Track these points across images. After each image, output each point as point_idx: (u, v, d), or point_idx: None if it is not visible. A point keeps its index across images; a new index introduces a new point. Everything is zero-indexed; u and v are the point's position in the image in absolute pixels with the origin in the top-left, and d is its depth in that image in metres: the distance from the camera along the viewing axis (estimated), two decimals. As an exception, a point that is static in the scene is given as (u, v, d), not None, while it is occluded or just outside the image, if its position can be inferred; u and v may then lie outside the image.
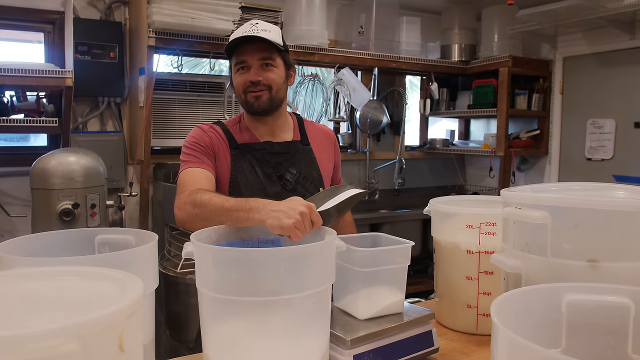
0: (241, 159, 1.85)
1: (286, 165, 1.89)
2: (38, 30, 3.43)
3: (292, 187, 1.88)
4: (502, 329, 0.70)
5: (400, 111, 4.72)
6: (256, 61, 1.81)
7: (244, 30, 1.80)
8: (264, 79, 1.82)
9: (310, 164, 1.95)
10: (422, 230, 4.34)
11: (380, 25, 4.09)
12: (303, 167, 1.92)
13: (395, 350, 1.39)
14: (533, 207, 1.12)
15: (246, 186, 1.83)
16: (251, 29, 1.79)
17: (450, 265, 1.72)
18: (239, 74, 1.84)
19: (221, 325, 1.15)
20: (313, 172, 1.94)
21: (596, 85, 4.17)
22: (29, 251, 1.23)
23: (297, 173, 1.90)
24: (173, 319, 3.20)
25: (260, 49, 1.81)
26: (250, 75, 1.81)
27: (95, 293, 0.84)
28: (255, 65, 1.81)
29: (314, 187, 1.92)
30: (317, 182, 1.94)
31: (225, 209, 1.44)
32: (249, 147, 1.87)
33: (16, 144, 3.57)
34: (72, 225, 2.62)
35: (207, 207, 1.51)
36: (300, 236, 1.31)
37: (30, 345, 0.60)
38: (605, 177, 4.04)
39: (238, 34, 1.81)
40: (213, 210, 1.48)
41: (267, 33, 1.79)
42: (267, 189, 1.84)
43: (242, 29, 1.83)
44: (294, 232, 1.30)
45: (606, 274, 1.05)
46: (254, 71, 1.81)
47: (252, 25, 1.81)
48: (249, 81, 1.81)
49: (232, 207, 1.42)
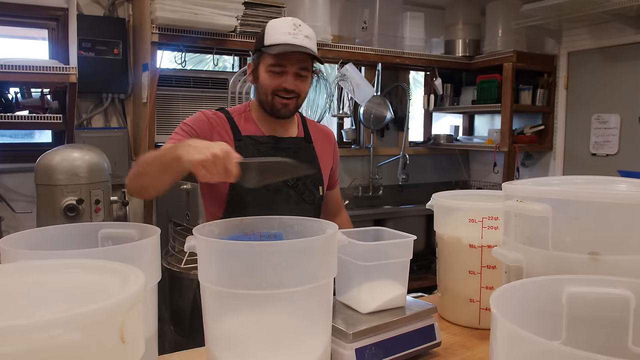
0: (244, 151, 1.81)
1: None
2: (42, 27, 3.44)
3: (294, 183, 1.88)
4: (502, 320, 0.71)
5: (404, 107, 4.71)
6: (294, 69, 1.77)
7: (287, 31, 1.73)
8: (297, 89, 1.79)
9: (311, 161, 1.95)
10: (425, 226, 4.34)
11: (384, 21, 4.09)
12: (305, 163, 1.91)
13: (397, 344, 1.39)
14: (534, 200, 1.11)
15: None
16: (295, 33, 1.73)
17: (453, 259, 1.72)
18: (272, 76, 1.77)
19: (223, 319, 1.16)
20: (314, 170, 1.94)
21: (601, 80, 4.16)
22: (33, 245, 1.23)
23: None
24: (177, 314, 3.21)
25: (301, 59, 1.77)
26: (285, 81, 1.76)
27: (98, 285, 0.84)
28: (291, 72, 1.77)
29: (314, 185, 1.93)
30: (317, 180, 1.94)
31: (157, 155, 1.47)
32: (253, 139, 1.85)
33: (21, 141, 3.58)
34: (77, 220, 2.63)
35: (143, 161, 1.53)
36: (208, 177, 1.30)
37: (33, 335, 0.60)
38: (610, 172, 4.02)
39: (280, 32, 1.73)
40: (147, 161, 1.51)
41: (309, 41, 1.75)
42: (268, 184, 1.83)
43: (284, 25, 1.75)
44: (199, 169, 1.29)
45: (607, 266, 1.05)
46: (291, 79, 1.77)
47: (296, 27, 1.74)
48: (283, 87, 1.77)
49: (161, 153, 1.46)
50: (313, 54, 1.77)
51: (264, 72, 1.79)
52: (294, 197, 1.88)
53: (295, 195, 1.88)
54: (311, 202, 1.92)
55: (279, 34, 1.74)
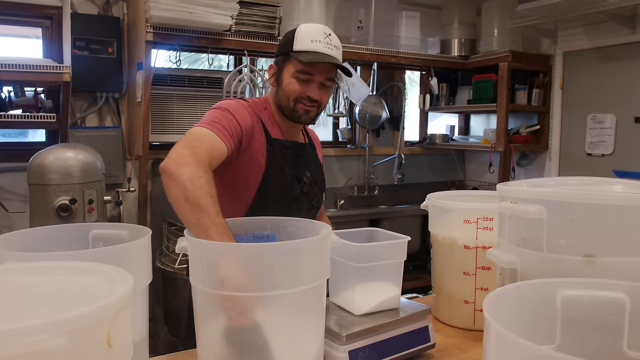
0: (274, 155, 1.74)
1: (303, 167, 1.84)
2: (36, 25, 3.42)
3: (307, 190, 1.84)
4: (494, 325, 0.70)
5: (399, 106, 4.70)
6: (321, 79, 1.73)
7: (318, 39, 1.69)
8: (320, 99, 1.75)
9: (318, 168, 1.94)
10: (421, 226, 4.33)
11: (380, 20, 4.08)
12: (313, 169, 1.89)
13: (391, 346, 1.38)
14: (529, 201, 1.11)
15: (276, 185, 1.74)
16: (326, 41, 1.69)
17: (448, 260, 1.71)
18: (297, 82, 1.71)
19: (214, 321, 1.15)
20: (320, 176, 1.93)
21: (596, 80, 4.15)
22: (23, 246, 1.22)
23: (310, 176, 1.86)
24: (171, 314, 3.20)
25: (329, 69, 1.73)
26: (311, 90, 1.72)
27: (85, 288, 0.83)
28: (317, 81, 1.72)
29: (320, 191, 1.91)
30: (322, 186, 1.93)
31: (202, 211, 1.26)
32: (280, 143, 1.78)
33: (14, 140, 3.56)
34: (70, 220, 2.62)
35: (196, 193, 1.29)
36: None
37: (18, 340, 0.59)
38: (606, 172, 4.02)
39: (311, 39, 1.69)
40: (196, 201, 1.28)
41: (337, 51, 1.72)
42: (291, 190, 1.78)
43: (314, 32, 1.71)
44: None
45: (602, 269, 1.04)
46: (316, 89, 1.73)
47: (327, 37, 1.71)
48: (308, 96, 1.72)
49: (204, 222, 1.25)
50: (343, 67, 1.74)
51: (289, 77, 1.73)
52: (306, 204, 1.86)
53: (306, 201, 1.86)
54: (317, 207, 1.92)
55: (309, 41, 1.69)
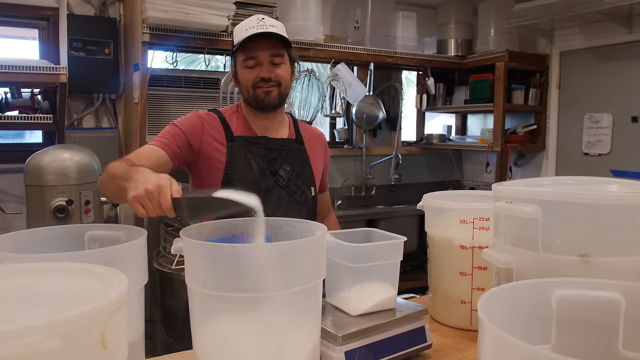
0: (237, 151, 1.84)
1: (280, 161, 1.90)
2: (32, 26, 3.41)
3: (285, 184, 1.90)
4: (489, 325, 0.70)
5: (396, 106, 4.70)
6: (267, 57, 1.81)
7: (252, 25, 1.78)
8: (275, 76, 1.82)
9: (303, 163, 1.97)
10: (418, 226, 4.33)
11: (376, 20, 4.08)
12: (297, 165, 1.94)
13: (387, 347, 1.38)
14: (524, 201, 1.11)
15: (240, 179, 1.83)
16: (259, 24, 1.78)
17: (444, 260, 1.71)
18: (248, 70, 1.83)
19: (210, 322, 1.14)
20: (305, 171, 1.96)
21: (593, 79, 4.16)
22: (19, 247, 1.21)
23: (290, 170, 1.91)
24: (168, 315, 3.19)
25: (271, 46, 1.81)
26: (261, 71, 1.81)
27: (80, 289, 0.83)
28: (265, 61, 1.81)
29: (306, 186, 1.95)
30: (308, 181, 1.96)
31: (116, 175, 1.48)
32: (245, 140, 1.88)
33: (11, 141, 3.55)
34: (67, 221, 2.61)
35: (107, 173, 1.54)
36: (143, 212, 1.29)
37: (11, 341, 0.59)
38: (603, 171, 4.03)
39: (245, 28, 1.79)
40: (110, 175, 1.52)
41: (274, 29, 1.79)
42: (259, 184, 1.84)
43: (248, 23, 1.81)
44: (135, 205, 1.29)
45: (598, 268, 1.04)
46: (266, 67, 1.81)
47: (259, 21, 1.80)
48: (260, 77, 1.81)
49: (119, 174, 1.46)
50: (279, 35, 1.80)
51: (240, 70, 1.85)
52: (286, 197, 1.91)
53: (287, 195, 1.91)
54: (303, 202, 1.94)
55: (242, 32, 1.80)
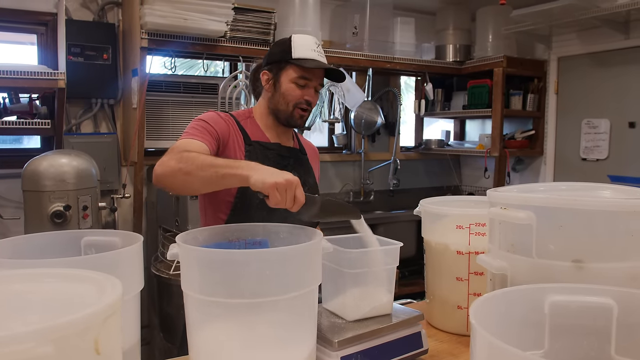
0: (254, 155, 1.84)
1: (290, 169, 1.88)
2: (31, 32, 3.42)
3: None
4: (481, 332, 0.70)
5: (395, 112, 4.71)
6: (317, 84, 1.87)
7: (312, 48, 1.83)
8: (314, 102, 1.89)
9: (307, 172, 2.00)
10: (417, 232, 4.31)
11: (375, 26, 4.09)
12: (302, 173, 1.94)
13: (383, 352, 1.38)
14: (518, 207, 1.11)
15: None
16: (318, 50, 1.85)
17: (441, 266, 1.71)
18: (297, 87, 1.84)
19: (206, 328, 1.15)
20: (310, 179, 1.99)
21: (591, 85, 4.17)
22: (16, 253, 1.22)
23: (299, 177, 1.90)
24: (166, 320, 3.19)
25: (321, 75, 1.88)
26: (309, 94, 1.85)
27: (75, 295, 0.83)
28: (313, 86, 1.86)
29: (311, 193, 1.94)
30: (313, 189, 1.99)
31: (213, 164, 1.47)
32: (262, 145, 1.88)
33: (9, 146, 3.56)
34: (64, 227, 2.61)
35: (193, 162, 1.49)
36: (278, 201, 1.33)
37: (5, 348, 0.59)
38: (601, 177, 4.04)
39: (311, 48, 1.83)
40: (199, 164, 1.49)
41: (325, 59, 1.87)
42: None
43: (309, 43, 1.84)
44: (274, 192, 1.32)
45: (591, 274, 1.04)
46: (313, 92, 1.87)
47: (318, 46, 1.86)
48: (305, 99, 1.85)
49: (220, 164, 1.47)
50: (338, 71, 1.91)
51: (288, 83, 1.84)
52: None
53: None
54: None
55: (305, 50, 1.83)
